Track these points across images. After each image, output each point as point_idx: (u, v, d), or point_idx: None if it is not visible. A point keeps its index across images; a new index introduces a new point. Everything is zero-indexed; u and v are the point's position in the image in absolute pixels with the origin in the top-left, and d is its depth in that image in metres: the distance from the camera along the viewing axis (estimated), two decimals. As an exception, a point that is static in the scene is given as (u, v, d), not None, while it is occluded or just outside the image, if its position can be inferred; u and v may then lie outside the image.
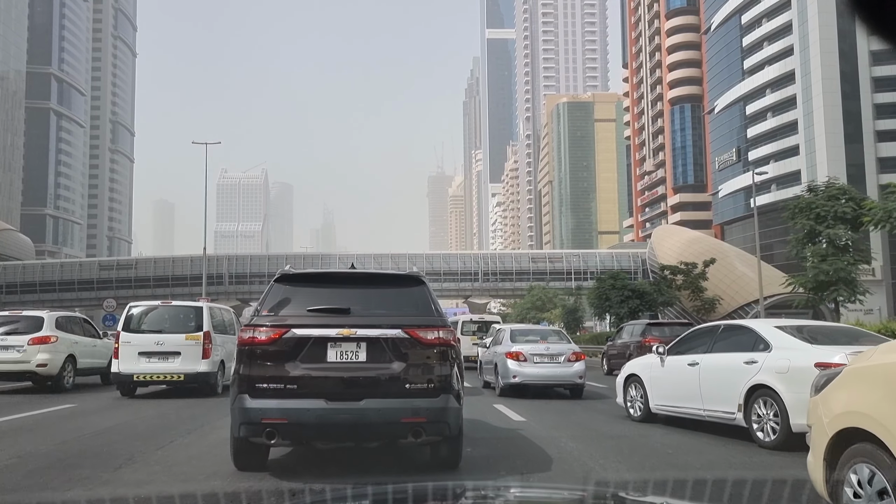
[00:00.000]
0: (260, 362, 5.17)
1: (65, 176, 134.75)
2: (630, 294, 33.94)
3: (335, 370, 5.17)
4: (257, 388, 5.11)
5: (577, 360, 12.69)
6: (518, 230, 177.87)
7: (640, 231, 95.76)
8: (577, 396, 12.69)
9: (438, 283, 66.82)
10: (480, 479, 5.36)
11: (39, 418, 9.41)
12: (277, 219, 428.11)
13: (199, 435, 7.81)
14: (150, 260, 69.26)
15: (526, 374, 12.39)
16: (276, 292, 5.48)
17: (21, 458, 6.30)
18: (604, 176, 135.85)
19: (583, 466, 6.00)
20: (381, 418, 5.12)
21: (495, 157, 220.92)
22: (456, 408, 5.31)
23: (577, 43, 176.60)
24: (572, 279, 60.08)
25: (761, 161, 65.66)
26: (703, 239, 58.71)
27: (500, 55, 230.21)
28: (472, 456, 6.21)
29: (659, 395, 8.57)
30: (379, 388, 5.17)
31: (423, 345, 5.25)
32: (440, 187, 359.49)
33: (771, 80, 63.86)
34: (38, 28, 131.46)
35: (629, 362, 9.81)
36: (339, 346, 5.20)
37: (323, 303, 5.36)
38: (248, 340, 5.20)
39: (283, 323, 5.23)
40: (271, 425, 5.06)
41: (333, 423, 5.13)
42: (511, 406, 11.00)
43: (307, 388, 5.10)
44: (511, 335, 13.67)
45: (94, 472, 5.65)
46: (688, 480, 5.44)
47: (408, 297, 5.61)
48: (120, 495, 4.84)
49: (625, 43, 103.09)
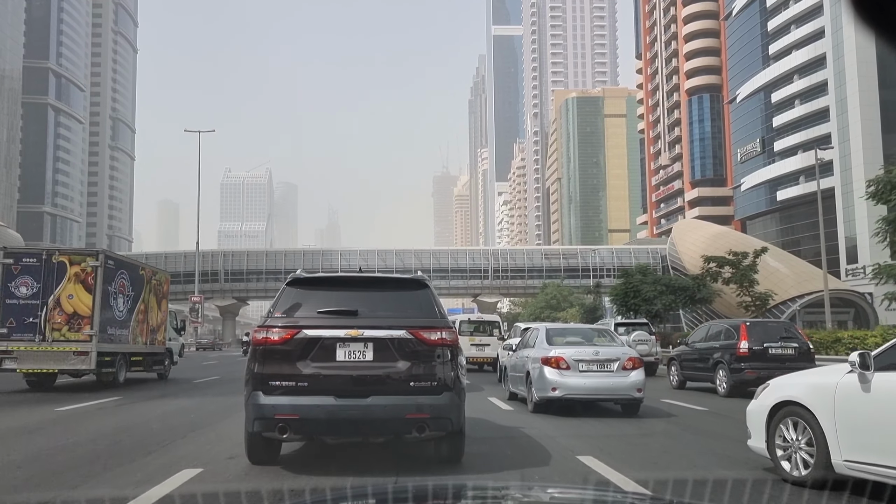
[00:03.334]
0: (273, 361, 5.40)
1: (63, 173, 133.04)
2: (664, 289, 30.40)
3: (344, 369, 5.42)
4: (270, 385, 5.35)
5: (635, 367, 10.19)
6: (525, 229, 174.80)
7: (654, 228, 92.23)
8: (631, 414, 10.17)
9: (446, 280, 63.64)
10: (480, 478, 5.33)
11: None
12: (282, 219, 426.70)
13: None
14: (140, 256, 66.05)
15: (570, 387, 9.93)
16: (288, 295, 5.75)
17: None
18: (614, 173, 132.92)
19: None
20: (387, 414, 5.36)
21: (501, 155, 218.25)
22: (458, 405, 5.57)
23: (585, 38, 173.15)
24: (590, 275, 56.55)
25: (788, 152, 62.09)
26: (728, 233, 55.33)
27: (506, 52, 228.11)
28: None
29: (857, 442, 4.95)
30: (385, 385, 5.41)
31: (427, 345, 5.49)
32: (445, 187, 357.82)
33: (799, 66, 60.19)
34: (36, 22, 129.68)
35: (776, 380, 6.01)
36: (348, 346, 5.44)
37: (332, 305, 5.59)
38: (262, 340, 5.45)
39: (295, 324, 5.48)
40: (283, 421, 5.29)
41: (342, 418, 5.35)
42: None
43: (317, 385, 5.35)
44: (547, 336, 11.05)
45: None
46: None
47: (412, 300, 5.83)
48: (120, 495, 4.76)
49: (638, 33, 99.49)
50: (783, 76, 62.36)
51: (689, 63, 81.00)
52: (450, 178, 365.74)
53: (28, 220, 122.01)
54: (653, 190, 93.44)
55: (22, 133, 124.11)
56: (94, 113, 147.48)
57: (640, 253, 60.35)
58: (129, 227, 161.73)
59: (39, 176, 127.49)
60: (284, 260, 64.40)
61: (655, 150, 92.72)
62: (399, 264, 64.36)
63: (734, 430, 7.80)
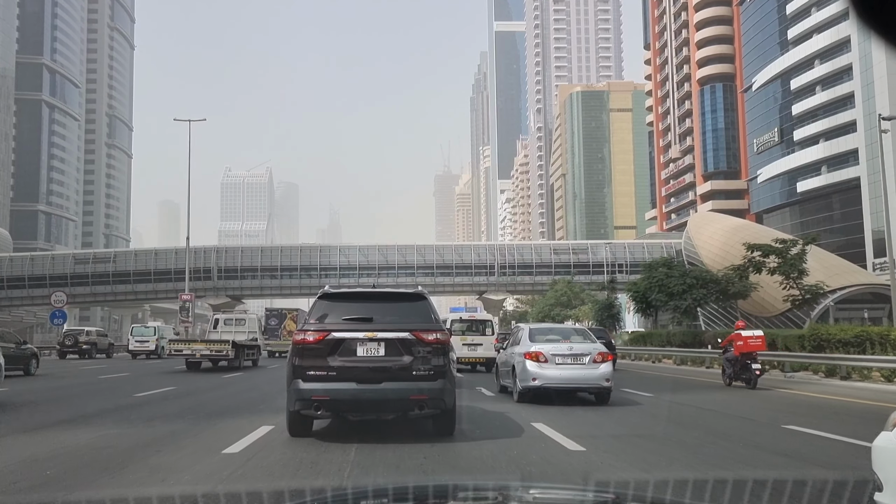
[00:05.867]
0: (309, 356, 7.06)
1: (58, 171, 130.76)
2: (695, 282, 27.44)
3: (362, 362, 7.06)
4: (307, 374, 7.02)
5: (604, 360, 11.64)
6: (528, 226, 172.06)
7: (664, 223, 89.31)
8: (602, 402, 11.58)
9: (450, 276, 60.73)
10: (480, 479, 5.71)
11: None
12: (283, 218, 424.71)
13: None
14: (129, 252, 63.47)
15: (546, 377, 11.43)
16: (319, 306, 7.50)
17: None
18: (620, 168, 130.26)
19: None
20: (396, 396, 7.02)
21: (504, 152, 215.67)
22: (450, 389, 7.21)
23: (589, 31, 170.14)
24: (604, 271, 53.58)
25: (809, 140, 59.17)
26: (748, 226, 52.47)
27: (508, 48, 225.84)
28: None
29: None
30: (394, 374, 7.03)
31: (425, 343, 7.09)
32: (447, 186, 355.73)
33: (820, 50, 57.26)
34: (30, 17, 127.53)
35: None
36: (365, 344, 7.09)
37: (353, 313, 7.35)
38: (301, 341, 7.15)
39: (325, 328, 7.19)
40: (318, 401, 6.99)
41: (362, 399, 7.05)
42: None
43: (343, 374, 6.99)
44: (530, 334, 12.51)
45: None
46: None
47: (413, 309, 7.48)
48: (120, 496, 5.04)
49: (646, 22, 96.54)
50: (803, 62, 59.45)
51: (700, 52, 78.12)
52: (451, 176, 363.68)
53: (22, 219, 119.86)
54: (662, 184, 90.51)
55: (15, 130, 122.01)
56: (90, 110, 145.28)
57: (655, 248, 57.38)
58: (126, 226, 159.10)
59: (34, 174, 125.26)
60: (280, 256, 61.51)
61: (665, 143, 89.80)
62: (401, 260, 61.53)
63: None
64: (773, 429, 8.80)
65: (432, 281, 59.64)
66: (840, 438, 7.75)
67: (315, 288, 64.83)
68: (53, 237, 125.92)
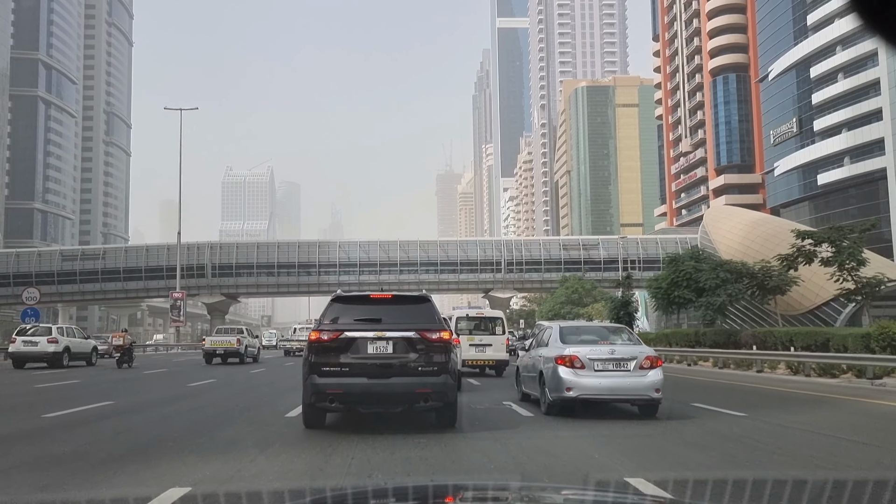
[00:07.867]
0: (324, 354, 7.74)
1: (55, 168, 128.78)
2: (729, 276, 24.92)
3: (372, 359, 7.71)
4: (322, 370, 7.68)
5: (653, 366, 9.77)
6: (532, 225, 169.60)
7: (674, 219, 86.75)
8: (649, 415, 9.67)
9: (455, 274, 58.20)
10: (480, 479, 5.51)
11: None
12: (284, 218, 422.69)
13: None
14: (120, 249, 61.18)
15: (584, 387, 9.57)
16: (333, 308, 8.20)
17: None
18: (626, 164, 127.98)
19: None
20: (403, 390, 7.70)
21: (507, 150, 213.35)
22: (452, 384, 7.89)
23: (594, 26, 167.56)
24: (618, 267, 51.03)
25: (831, 131, 56.58)
26: (769, 220, 49.99)
27: (511, 45, 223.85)
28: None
29: None
30: (401, 370, 7.69)
31: (429, 342, 7.74)
32: (449, 185, 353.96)
33: (843, 36, 54.57)
34: (25, 11, 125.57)
35: None
36: (375, 343, 7.73)
37: (363, 315, 8.10)
38: (316, 340, 7.81)
39: (339, 328, 7.86)
40: (332, 395, 7.69)
41: (372, 393, 7.74)
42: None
43: (355, 370, 7.66)
44: (561, 334, 10.70)
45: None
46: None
47: (418, 311, 8.16)
48: (120, 495, 4.99)
49: (655, 12, 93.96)
50: (824, 48, 56.82)
51: (712, 41, 75.53)
52: (453, 175, 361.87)
53: (17, 218, 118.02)
54: (672, 179, 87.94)
55: (10, 127, 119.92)
56: (87, 107, 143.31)
57: (669, 243, 54.92)
58: (125, 224, 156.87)
59: (29, 171, 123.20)
60: (278, 253, 59.04)
61: (675, 137, 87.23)
62: (403, 257, 58.98)
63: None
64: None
65: (436, 278, 57.23)
66: None
67: (314, 286, 62.09)
68: (50, 236, 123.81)
